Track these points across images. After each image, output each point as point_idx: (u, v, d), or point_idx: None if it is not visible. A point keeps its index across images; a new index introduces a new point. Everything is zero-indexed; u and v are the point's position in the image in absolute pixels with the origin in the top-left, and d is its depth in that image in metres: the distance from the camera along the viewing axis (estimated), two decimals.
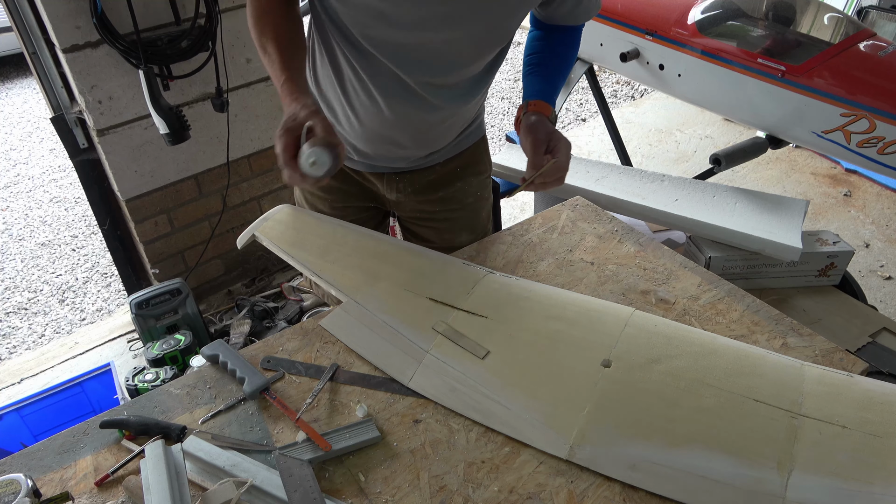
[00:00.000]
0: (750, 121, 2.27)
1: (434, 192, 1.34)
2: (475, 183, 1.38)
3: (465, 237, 1.39)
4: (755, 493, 0.80)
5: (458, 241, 1.38)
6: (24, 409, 1.90)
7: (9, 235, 3.33)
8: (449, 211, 1.37)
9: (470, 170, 1.36)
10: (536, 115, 1.15)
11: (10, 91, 4.87)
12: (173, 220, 2.33)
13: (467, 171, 1.35)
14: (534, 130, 1.12)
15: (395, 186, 1.33)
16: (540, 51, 1.23)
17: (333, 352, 1.04)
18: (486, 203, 1.44)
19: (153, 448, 0.83)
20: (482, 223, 1.45)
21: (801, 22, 2.19)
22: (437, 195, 1.34)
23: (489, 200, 1.45)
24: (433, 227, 1.40)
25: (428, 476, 0.85)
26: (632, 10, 2.44)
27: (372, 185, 1.35)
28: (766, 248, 1.41)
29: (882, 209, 2.99)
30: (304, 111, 0.95)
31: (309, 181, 0.94)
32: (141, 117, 2.07)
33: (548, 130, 1.12)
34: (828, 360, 1.00)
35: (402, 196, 1.34)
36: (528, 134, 1.12)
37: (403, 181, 1.32)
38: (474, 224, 1.42)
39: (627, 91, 4.39)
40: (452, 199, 1.36)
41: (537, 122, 1.13)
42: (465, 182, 1.35)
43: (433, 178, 1.32)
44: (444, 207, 1.36)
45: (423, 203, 1.35)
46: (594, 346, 0.99)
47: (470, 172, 1.36)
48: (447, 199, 1.35)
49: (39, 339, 2.68)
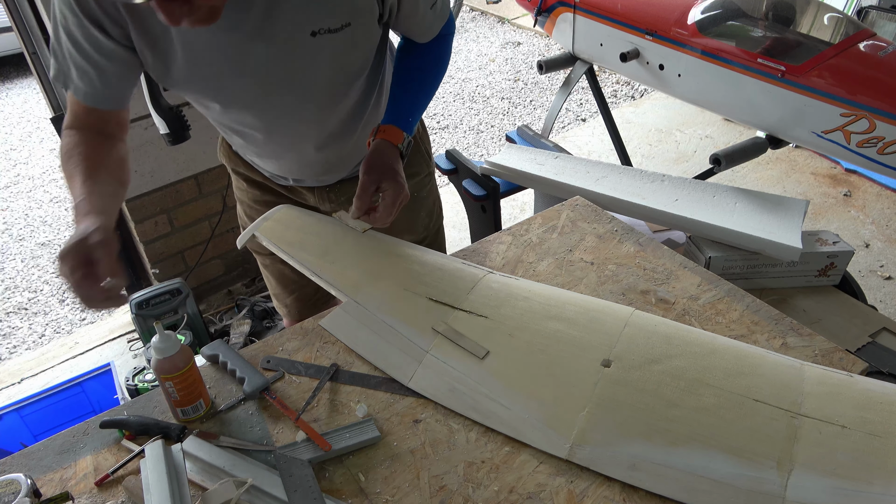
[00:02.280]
0: (750, 121, 2.27)
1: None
2: (409, 185, 1.36)
3: (407, 238, 1.36)
4: (755, 493, 0.80)
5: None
6: (24, 409, 1.90)
7: (9, 235, 3.33)
8: None
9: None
10: (383, 144, 1.08)
11: (10, 91, 4.87)
12: (173, 220, 2.33)
13: None
14: (367, 166, 1.06)
15: (327, 197, 1.32)
16: (404, 68, 1.16)
17: (333, 352, 1.04)
18: (424, 203, 1.40)
19: (153, 448, 0.83)
20: (423, 222, 1.42)
21: (800, 22, 2.19)
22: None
23: (429, 199, 1.42)
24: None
25: (428, 476, 0.85)
26: (632, 10, 2.44)
27: (304, 198, 1.35)
28: (766, 248, 1.41)
29: (882, 209, 2.99)
30: (96, 234, 0.84)
31: (117, 302, 0.84)
32: (141, 117, 2.07)
33: (382, 169, 1.06)
34: (828, 360, 1.00)
35: (336, 206, 1.33)
36: (363, 172, 1.06)
37: (334, 191, 1.31)
38: (413, 225, 1.40)
39: (627, 91, 4.40)
40: None
41: (376, 155, 1.07)
42: None
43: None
44: None
45: None
46: (594, 345, 0.99)
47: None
48: None
49: (39, 339, 2.68)
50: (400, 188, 1.06)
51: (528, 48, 5.16)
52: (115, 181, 0.99)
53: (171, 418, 0.95)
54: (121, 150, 1.04)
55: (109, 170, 0.99)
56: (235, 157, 1.33)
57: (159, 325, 0.89)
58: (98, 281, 0.82)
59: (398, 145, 1.10)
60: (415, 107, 1.16)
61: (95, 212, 0.88)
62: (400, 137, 1.10)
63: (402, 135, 1.10)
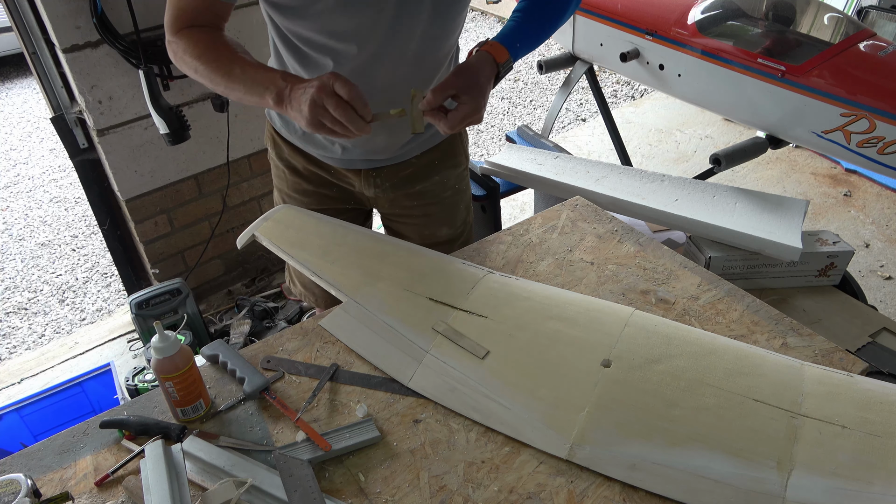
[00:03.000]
0: (750, 121, 2.27)
1: (411, 185, 1.33)
2: (452, 176, 1.36)
3: (445, 232, 1.39)
4: (755, 493, 0.80)
5: (438, 236, 1.39)
6: (24, 409, 1.90)
7: (9, 235, 3.33)
8: (426, 206, 1.36)
9: (447, 162, 1.34)
10: (484, 58, 1.07)
11: (10, 91, 4.87)
12: (173, 220, 2.33)
13: (444, 164, 1.34)
14: (460, 69, 1.05)
15: (373, 182, 1.31)
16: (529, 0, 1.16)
17: (333, 352, 1.04)
18: (463, 196, 1.43)
19: (153, 448, 0.83)
20: (461, 216, 1.43)
21: (800, 22, 2.19)
22: (414, 189, 1.33)
23: (467, 193, 1.44)
24: (411, 224, 1.40)
25: (428, 476, 0.85)
26: (632, 10, 2.44)
27: (349, 183, 1.34)
28: (766, 248, 1.41)
29: (882, 209, 2.99)
30: (323, 78, 0.94)
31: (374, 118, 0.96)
32: (141, 117, 2.07)
33: (471, 80, 1.03)
34: (828, 360, 1.00)
35: (380, 192, 1.33)
36: (454, 72, 1.04)
37: (380, 176, 1.31)
38: (453, 218, 1.41)
39: (627, 91, 4.40)
40: (429, 193, 1.35)
41: (472, 65, 1.05)
42: (442, 175, 1.34)
43: (410, 171, 1.31)
44: (422, 202, 1.35)
45: (401, 198, 1.35)
46: (594, 345, 0.99)
47: (447, 165, 1.35)
48: (424, 193, 1.34)
49: (39, 339, 2.68)
50: (478, 107, 1.03)
51: None
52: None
53: (171, 418, 0.94)
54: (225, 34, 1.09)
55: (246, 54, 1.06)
56: (282, 142, 1.32)
57: (159, 325, 0.90)
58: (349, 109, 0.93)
59: (499, 63, 1.07)
60: (528, 36, 1.13)
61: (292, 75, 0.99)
62: (504, 56, 1.08)
63: (506, 54, 1.08)
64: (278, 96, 0.98)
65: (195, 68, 1.05)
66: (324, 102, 0.93)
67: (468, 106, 1.02)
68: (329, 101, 0.92)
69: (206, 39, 1.05)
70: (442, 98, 1.02)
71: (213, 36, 1.06)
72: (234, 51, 1.05)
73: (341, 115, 0.93)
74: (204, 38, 1.05)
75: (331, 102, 0.92)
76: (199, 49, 1.04)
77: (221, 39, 1.06)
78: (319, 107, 0.93)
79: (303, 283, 1.46)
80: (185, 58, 1.05)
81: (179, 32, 1.06)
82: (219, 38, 1.06)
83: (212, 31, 1.07)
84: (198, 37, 1.05)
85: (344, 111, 0.92)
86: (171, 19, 1.06)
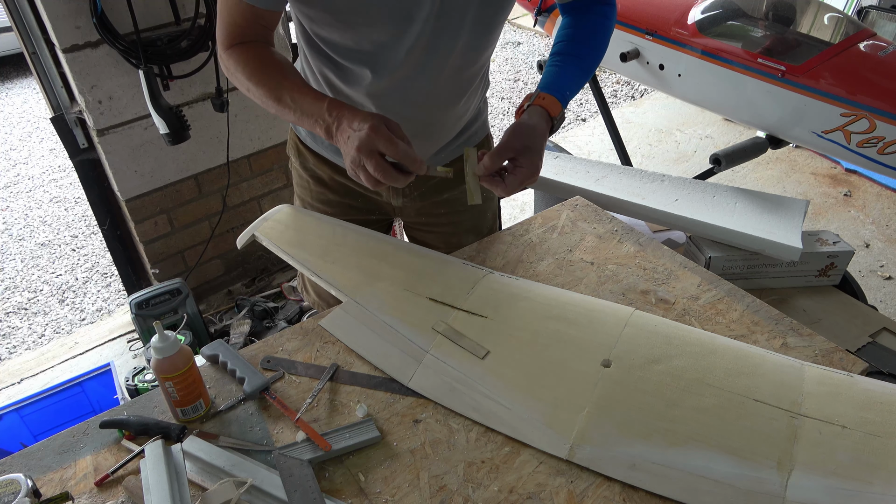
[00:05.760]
0: (750, 121, 2.27)
1: (439, 194, 1.33)
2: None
3: (472, 240, 1.38)
4: (755, 493, 0.80)
5: (464, 244, 1.38)
6: (24, 409, 1.90)
7: (9, 235, 3.33)
8: (454, 213, 1.36)
9: None
10: (538, 114, 1.03)
11: (10, 91, 4.88)
12: (173, 220, 2.33)
13: None
14: (517, 132, 1.00)
15: (401, 191, 1.31)
16: (567, 39, 1.11)
17: (333, 352, 1.04)
18: (491, 204, 1.43)
19: (153, 448, 0.83)
20: (488, 224, 1.44)
21: (801, 22, 2.19)
22: (442, 197, 1.33)
23: (494, 200, 1.44)
24: (438, 233, 1.39)
25: (428, 476, 0.85)
26: (632, 10, 2.44)
27: (376, 193, 1.33)
28: (766, 248, 1.41)
29: (882, 209, 2.99)
30: (379, 121, 0.91)
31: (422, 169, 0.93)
32: (141, 117, 2.07)
33: (529, 143, 0.99)
34: (828, 360, 1.00)
35: (408, 201, 1.33)
36: (510, 134, 1.00)
37: (409, 185, 1.30)
38: (479, 226, 1.41)
39: (627, 91, 4.40)
40: (457, 202, 1.35)
41: (528, 125, 1.01)
42: None
43: (439, 179, 1.31)
44: (450, 209, 1.35)
45: (429, 206, 1.34)
46: (594, 346, 0.99)
47: None
48: (452, 202, 1.34)
49: (39, 339, 2.68)
50: (535, 171, 0.99)
51: (528, 48, 5.16)
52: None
53: (171, 418, 0.94)
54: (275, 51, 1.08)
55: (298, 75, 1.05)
56: (307, 151, 1.31)
57: (159, 325, 0.89)
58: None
59: (553, 117, 1.04)
60: (573, 80, 1.09)
61: (347, 106, 0.96)
62: (557, 109, 1.04)
63: (559, 107, 1.04)
64: (327, 132, 0.97)
65: (247, 88, 1.04)
66: (364, 163, 0.91)
67: (526, 170, 0.98)
68: (369, 162, 0.90)
69: (256, 59, 1.04)
70: (500, 163, 0.98)
71: (263, 54, 1.04)
72: (284, 72, 1.02)
73: (383, 177, 0.91)
74: (254, 58, 1.04)
75: (371, 163, 0.90)
76: (250, 70, 1.03)
77: (271, 58, 1.04)
78: (362, 166, 0.92)
79: (317, 293, 1.46)
80: (238, 76, 1.05)
81: (231, 49, 1.05)
82: (268, 57, 1.04)
83: (261, 49, 1.05)
84: (248, 55, 1.04)
85: (384, 173, 0.91)
86: (223, 35, 1.05)
